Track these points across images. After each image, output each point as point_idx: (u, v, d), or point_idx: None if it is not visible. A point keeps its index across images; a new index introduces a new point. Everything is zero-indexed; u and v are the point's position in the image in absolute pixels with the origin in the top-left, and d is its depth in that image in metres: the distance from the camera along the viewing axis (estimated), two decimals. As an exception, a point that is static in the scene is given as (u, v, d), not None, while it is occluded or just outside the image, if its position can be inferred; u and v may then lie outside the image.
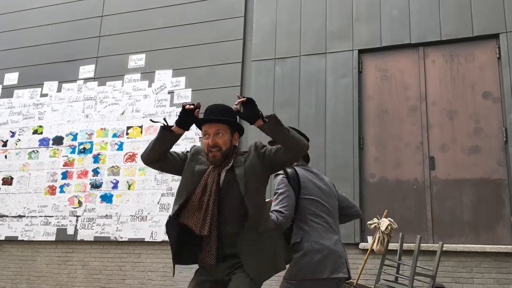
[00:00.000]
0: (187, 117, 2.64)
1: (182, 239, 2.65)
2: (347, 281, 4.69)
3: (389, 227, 4.67)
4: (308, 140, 2.97)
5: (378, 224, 4.76)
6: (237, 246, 2.59)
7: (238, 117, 2.62)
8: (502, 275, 5.05)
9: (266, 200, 2.80)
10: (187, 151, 2.86)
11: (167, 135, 2.67)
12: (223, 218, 2.60)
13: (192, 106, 2.62)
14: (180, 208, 2.65)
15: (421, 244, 4.92)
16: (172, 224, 2.63)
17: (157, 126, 6.75)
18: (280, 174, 3.04)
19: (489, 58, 5.71)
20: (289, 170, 3.06)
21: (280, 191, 2.97)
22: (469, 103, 5.66)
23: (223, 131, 2.66)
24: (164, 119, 2.75)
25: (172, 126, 2.68)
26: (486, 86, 5.65)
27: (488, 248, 5.11)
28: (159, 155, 2.72)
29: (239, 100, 2.53)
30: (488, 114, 5.56)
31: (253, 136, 5.89)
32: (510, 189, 5.26)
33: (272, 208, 2.92)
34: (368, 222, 4.97)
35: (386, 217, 4.85)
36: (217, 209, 2.59)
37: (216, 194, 2.61)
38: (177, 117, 2.67)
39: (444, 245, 5.06)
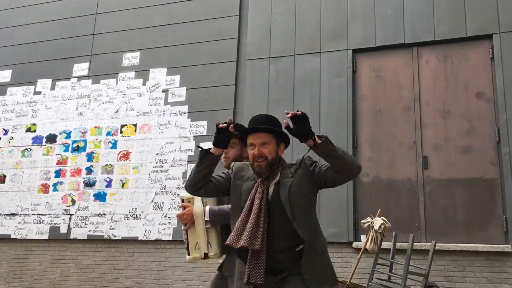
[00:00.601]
0: (223, 135, 2.64)
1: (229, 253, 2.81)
2: (341, 280, 4.70)
3: (383, 226, 4.70)
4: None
5: (371, 223, 4.78)
6: (293, 261, 2.58)
7: (288, 132, 2.58)
8: (494, 274, 5.08)
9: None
10: (229, 171, 2.81)
11: (207, 157, 2.64)
12: (272, 233, 2.56)
13: (225, 125, 2.62)
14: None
15: (414, 243, 4.94)
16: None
17: (152, 125, 6.74)
18: None
19: (482, 58, 5.74)
20: None
21: None
22: (462, 103, 5.69)
23: (269, 142, 2.63)
24: (199, 146, 2.78)
25: (210, 148, 2.68)
26: (479, 86, 5.68)
27: (481, 247, 5.14)
28: (202, 180, 2.67)
29: (292, 112, 2.48)
30: (481, 114, 5.59)
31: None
32: (503, 188, 5.29)
33: None
34: (362, 221, 4.99)
35: (379, 216, 4.87)
36: (267, 224, 2.55)
37: (266, 209, 2.56)
38: (214, 138, 2.67)
39: (437, 244, 5.08)
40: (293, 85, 6.30)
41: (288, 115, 2.51)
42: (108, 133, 6.93)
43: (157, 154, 6.58)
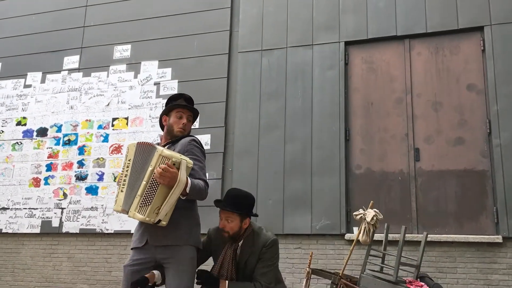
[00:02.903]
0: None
1: None
2: (333, 272, 4.73)
3: (375, 218, 4.70)
4: None
5: (363, 215, 4.78)
6: None
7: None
8: (485, 265, 5.13)
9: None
10: (206, 236, 3.47)
11: None
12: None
13: None
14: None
15: (406, 235, 4.97)
16: None
17: (143, 118, 6.71)
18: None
19: (473, 50, 5.76)
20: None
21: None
22: (454, 95, 5.71)
23: (232, 218, 3.25)
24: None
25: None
26: (470, 78, 5.71)
27: (472, 238, 5.18)
28: None
29: None
30: (472, 106, 5.62)
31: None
32: (493, 180, 5.33)
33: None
34: (354, 213, 5.00)
35: (371, 208, 4.89)
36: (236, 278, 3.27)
37: (233, 267, 3.26)
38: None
39: (429, 235, 5.11)
40: (285, 78, 6.29)
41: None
42: (100, 127, 6.89)
43: (149, 147, 6.55)
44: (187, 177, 2.93)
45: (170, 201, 2.87)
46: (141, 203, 2.85)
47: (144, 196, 2.85)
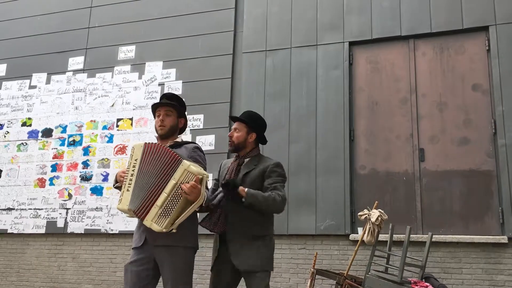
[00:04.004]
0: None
1: None
2: (338, 272, 4.72)
3: (380, 218, 4.70)
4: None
5: (368, 215, 4.78)
6: None
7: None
8: (490, 265, 5.11)
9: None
10: (219, 167, 3.62)
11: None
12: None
13: None
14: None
15: (411, 235, 4.96)
16: None
17: (148, 119, 6.72)
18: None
19: (478, 50, 5.74)
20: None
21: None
22: (459, 95, 5.69)
23: (239, 129, 3.42)
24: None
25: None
26: (475, 78, 5.68)
27: (477, 238, 5.16)
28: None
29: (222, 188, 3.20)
30: (477, 106, 5.60)
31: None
32: (499, 180, 5.31)
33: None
34: (359, 213, 4.99)
35: (376, 208, 4.88)
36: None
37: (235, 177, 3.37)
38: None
39: (434, 235, 5.11)
40: (290, 78, 6.29)
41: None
42: (104, 127, 6.91)
43: (154, 147, 6.56)
44: (205, 191, 2.98)
45: (187, 214, 2.92)
46: (160, 214, 2.86)
47: (164, 207, 2.86)
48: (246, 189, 3.12)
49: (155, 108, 3.37)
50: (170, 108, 3.32)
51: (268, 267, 3.23)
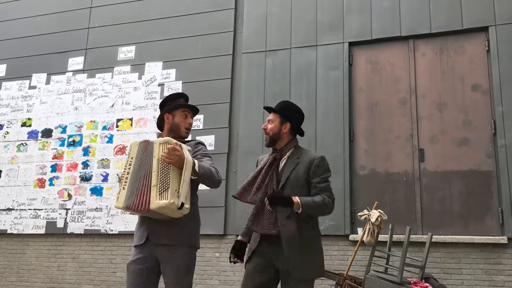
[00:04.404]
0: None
1: None
2: (337, 273, 4.72)
3: (379, 219, 4.70)
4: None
5: (368, 215, 4.78)
6: None
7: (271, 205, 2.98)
8: (490, 266, 5.11)
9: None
10: (256, 164, 3.35)
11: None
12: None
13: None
14: None
15: (411, 236, 4.96)
16: None
17: (148, 119, 6.72)
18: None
19: (478, 50, 5.75)
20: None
21: None
22: (459, 95, 5.70)
23: (273, 120, 3.22)
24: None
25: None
26: (475, 78, 5.69)
27: (477, 239, 5.16)
28: None
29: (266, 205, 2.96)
30: (477, 107, 5.61)
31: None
32: (499, 180, 5.31)
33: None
34: (358, 214, 4.99)
35: (376, 208, 4.88)
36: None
37: (272, 173, 3.11)
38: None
39: (433, 236, 5.10)
40: (289, 78, 6.29)
41: (267, 206, 2.96)
42: (104, 128, 6.91)
43: (154, 148, 6.56)
44: (192, 158, 2.96)
45: (185, 180, 2.87)
46: (159, 191, 2.85)
47: (160, 183, 2.86)
48: (299, 201, 2.93)
49: (178, 106, 3.33)
50: (194, 114, 3.41)
51: (321, 273, 3.10)
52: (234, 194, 3.15)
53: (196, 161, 2.95)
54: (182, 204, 2.85)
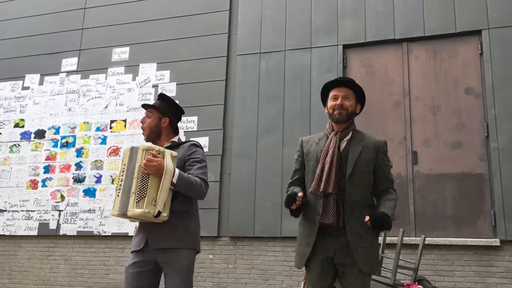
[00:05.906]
0: (296, 212, 2.95)
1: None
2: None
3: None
4: None
5: (361, 218, 4.78)
6: None
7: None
8: (483, 268, 5.14)
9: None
10: (298, 149, 3.14)
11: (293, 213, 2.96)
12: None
13: (295, 206, 2.86)
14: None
15: (404, 238, 4.97)
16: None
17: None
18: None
19: (471, 54, 5.78)
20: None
21: None
22: (452, 98, 5.73)
23: (350, 97, 2.99)
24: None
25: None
26: (468, 82, 5.72)
27: (469, 241, 5.19)
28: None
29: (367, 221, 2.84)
30: (470, 110, 5.64)
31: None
32: (491, 183, 5.34)
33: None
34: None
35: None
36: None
37: (338, 157, 2.90)
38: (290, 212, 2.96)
39: (426, 238, 5.12)
40: (284, 81, 6.29)
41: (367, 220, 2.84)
42: (98, 129, 6.89)
43: (147, 149, 6.54)
44: (174, 167, 2.92)
45: (164, 189, 2.85)
46: (136, 199, 2.83)
47: (138, 191, 2.84)
48: (389, 214, 2.84)
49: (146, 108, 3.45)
50: (149, 109, 3.37)
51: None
52: (311, 190, 2.91)
53: (176, 171, 2.91)
54: (159, 212, 2.84)
